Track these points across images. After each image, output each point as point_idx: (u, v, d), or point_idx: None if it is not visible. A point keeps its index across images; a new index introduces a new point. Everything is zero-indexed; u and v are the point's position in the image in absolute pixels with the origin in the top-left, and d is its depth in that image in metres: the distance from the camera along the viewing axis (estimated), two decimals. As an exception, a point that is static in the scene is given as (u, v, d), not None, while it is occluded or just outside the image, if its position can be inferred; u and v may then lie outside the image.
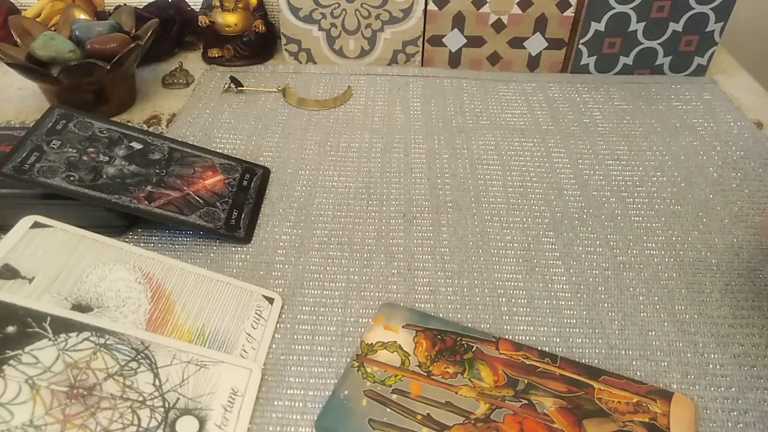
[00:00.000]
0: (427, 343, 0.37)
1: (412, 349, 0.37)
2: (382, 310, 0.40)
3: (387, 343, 0.37)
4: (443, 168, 0.54)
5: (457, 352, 0.37)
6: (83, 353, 0.33)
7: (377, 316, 0.39)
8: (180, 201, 0.46)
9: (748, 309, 0.41)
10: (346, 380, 0.35)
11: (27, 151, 0.44)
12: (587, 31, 0.65)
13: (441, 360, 0.37)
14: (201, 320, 0.38)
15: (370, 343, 0.37)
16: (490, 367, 0.36)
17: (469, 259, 0.45)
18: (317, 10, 0.66)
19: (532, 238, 0.47)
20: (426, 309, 0.41)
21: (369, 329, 0.39)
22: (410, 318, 0.39)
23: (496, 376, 0.36)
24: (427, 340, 0.38)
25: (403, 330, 0.38)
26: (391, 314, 0.39)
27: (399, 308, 0.40)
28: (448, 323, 0.39)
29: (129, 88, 0.62)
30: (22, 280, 0.36)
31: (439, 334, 0.38)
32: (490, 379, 0.36)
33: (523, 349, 0.37)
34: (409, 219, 0.48)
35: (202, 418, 0.33)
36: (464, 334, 0.38)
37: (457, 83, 0.67)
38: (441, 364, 0.36)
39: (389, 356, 0.37)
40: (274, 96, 0.64)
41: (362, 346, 0.37)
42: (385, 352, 0.37)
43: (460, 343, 0.38)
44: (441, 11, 0.65)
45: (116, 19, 0.61)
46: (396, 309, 0.40)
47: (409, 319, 0.39)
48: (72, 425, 0.31)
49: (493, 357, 0.37)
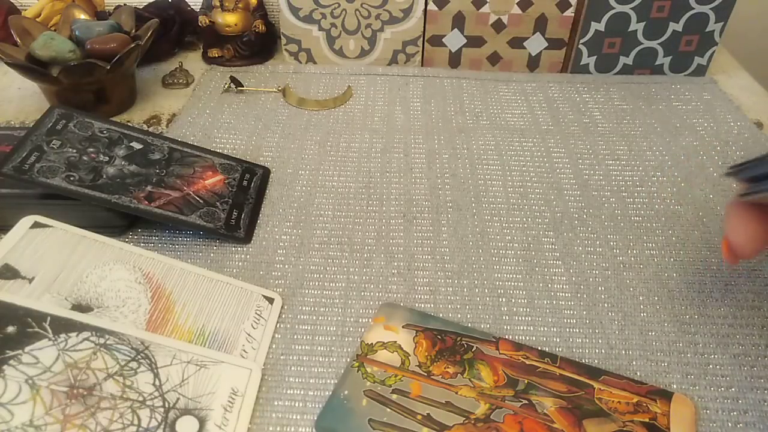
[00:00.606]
0: (427, 343, 0.37)
1: (412, 349, 0.37)
2: (382, 310, 0.40)
3: (387, 343, 0.37)
4: (443, 168, 0.54)
5: (457, 352, 0.37)
6: (83, 353, 0.33)
7: (377, 316, 0.39)
8: (180, 201, 0.46)
9: (748, 309, 0.41)
10: (346, 380, 0.35)
11: (27, 151, 0.44)
12: (587, 31, 0.65)
13: (441, 360, 0.36)
14: (201, 320, 0.38)
15: (370, 343, 0.37)
16: (490, 367, 0.36)
17: (469, 259, 0.45)
18: (317, 10, 0.66)
19: (532, 238, 0.47)
20: (426, 309, 0.41)
21: (369, 329, 0.38)
22: (410, 318, 0.39)
23: (496, 376, 0.36)
24: (427, 340, 0.38)
25: (403, 330, 0.38)
26: (391, 314, 0.39)
27: (399, 308, 0.40)
28: (448, 323, 0.39)
29: (129, 88, 0.62)
30: (22, 280, 0.36)
31: (439, 334, 0.38)
32: (490, 379, 0.36)
33: (523, 349, 0.37)
34: (409, 219, 0.48)
35: (202, 418, 0.33)
36: (464, 334, 0.38)
37: (457, 83, 0.67)
38: (441, 364, 0.36)
39: (389, 356, 0.37)
40: (274, 96, 0.64)
41: (362, 346, 0.37)
42: (385, 352, 0.37)
43: (460, 343, 0.38)
44: (441, 11, 0.65)
45: (116, 19, 0.61)
46: (396, 309, 0.40)
47: (409, 319, 0.39)
48: (72, 425, 0.31)
49: (493, 357, 0.37)
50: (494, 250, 0.45)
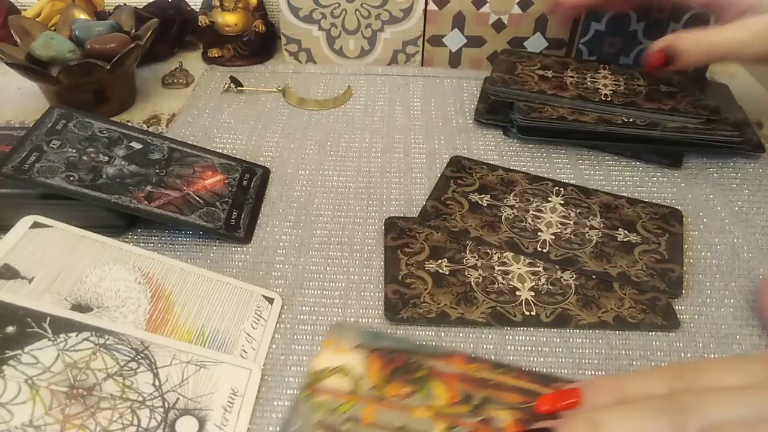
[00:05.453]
0: (378, 363, 0.36)
1: (364, 371, 0.36)
2: (332, 332, 0.38)
3: (337, 368, 0.36)
4: (443, 168, 0.54)
5: (410, 370, 0.36)
6: (83, 353, 0.33)
7: (327, 338, 0.38)
8: (180, 201, 0.46)
9: (748, 309, 0.41)
10: (295, 414, 0.33)
11: (27, 151, 0.44)
12: (587, 31, 0.65)
13: (394, 380, 0.35)
14: (201, 320, 0.38)
15: (320, 369, 0.36)
16: (444, 383, 0.35)
17: (469, 259, 0.45)
18: (317, 10, 0.66)
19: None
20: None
21: (318, 354, 0.37)
22: (360, 338, 0.38)
23: (451, 393, 0.34)
24: (378, 360, 0.36)
25: (353, 352, 0.37)
26: (341, 335, 0.38)
27: (350, 328, 0.38)
28: (400, 341, 0.38)
29: (129, 88, 0.62)
30: (21, 280, 0.36)
31: (390, 353, 0.37)
32: (445, 397, 0.34)
33: (476, 361, 0.36)
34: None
35: (202, 418, 0.33)
36: (417, 351, 0.37)
37: (457, 83, 0.67)
38: (395, 384, 0.35)
39: (340, 382, 0.35)
40: (274, 96, 0.64)
41: (310, 374, 0.35)
42: (335, 377, 0.35)
43: (412, 360, 0.36)
44: (441, 11, 0.65)
45: (116, 19, 0.61)
46: (347, 329, 0.38)
47: (359, 340, 0.37)
48: (72, 425, 0.31)
49: (447, 373, 0.36)
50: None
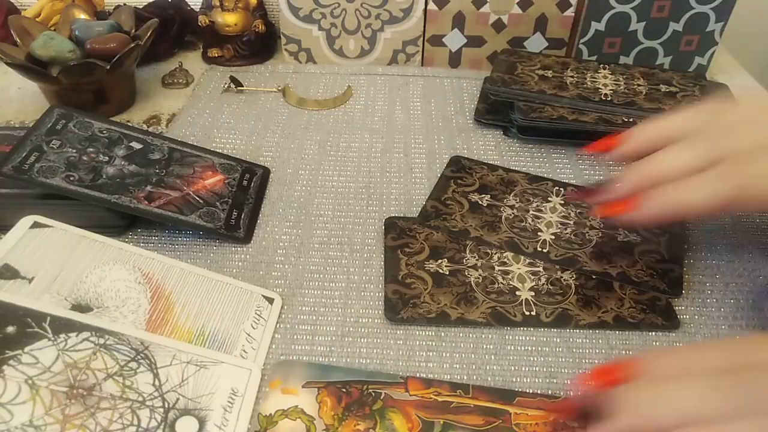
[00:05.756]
0: (331, 400, 0.34)
1: (317, 411, 0.33)
2: (276, 371, 0.36)
3: (287, 410, 0.33)
4: (443, 168, 0.54)
5: (365, 403, 0.34)
6: (83, 353, 0.33)
7: (272, 380, 0.35)
8: (180, 201, 0.46)
9: (748, 309, 0.41)
10: None
11: (27, 151, 0.44)
12: (587, 31, 0.65)
13: (349, 417, 0.33)
14: (201, 320, 0.38)
15: (269, 414, 0.33)
16: (402, 413, 0.33)
17: (469, 259, 0.45)
18: (317, 10, 0.66)
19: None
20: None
21: (265, 397, 0.34)
22: (309, 374, 0.35)
23: (410, 423, 0.33)
24: (331, 396, 0.34)
25: (303, 390, 0.34)
26: (287, 374, 0.35)
27: (295, 365, 0.36)
28: (351, 372, 0.36)
29: (129, 88, 0.62)
30: (21, 280, 0.36)
31: (343, 386, 0.35)
32: (404, 428, 0.33)
33: (434, 385, 0.35)
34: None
35: (202, 418, 0.33)
36: (370, 381, 0.35)
37: (457, 83, 0.67)
38: (350, 422, 0.33)
39: (292, 425, 0.33)
40: (274, 96, 0.64)
41: (260, 420, 0.33)
42: (286, 421, 0.33)
43: (367, 392, 0.34)
44: (441, 11, 0.65)
45: (116, 19, 0.61)
46: (292, 367, 0.36)
47: (308, 376, 0.35)
48: (72, 425, 0.31)
49: (404, 401, 0.34)
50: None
